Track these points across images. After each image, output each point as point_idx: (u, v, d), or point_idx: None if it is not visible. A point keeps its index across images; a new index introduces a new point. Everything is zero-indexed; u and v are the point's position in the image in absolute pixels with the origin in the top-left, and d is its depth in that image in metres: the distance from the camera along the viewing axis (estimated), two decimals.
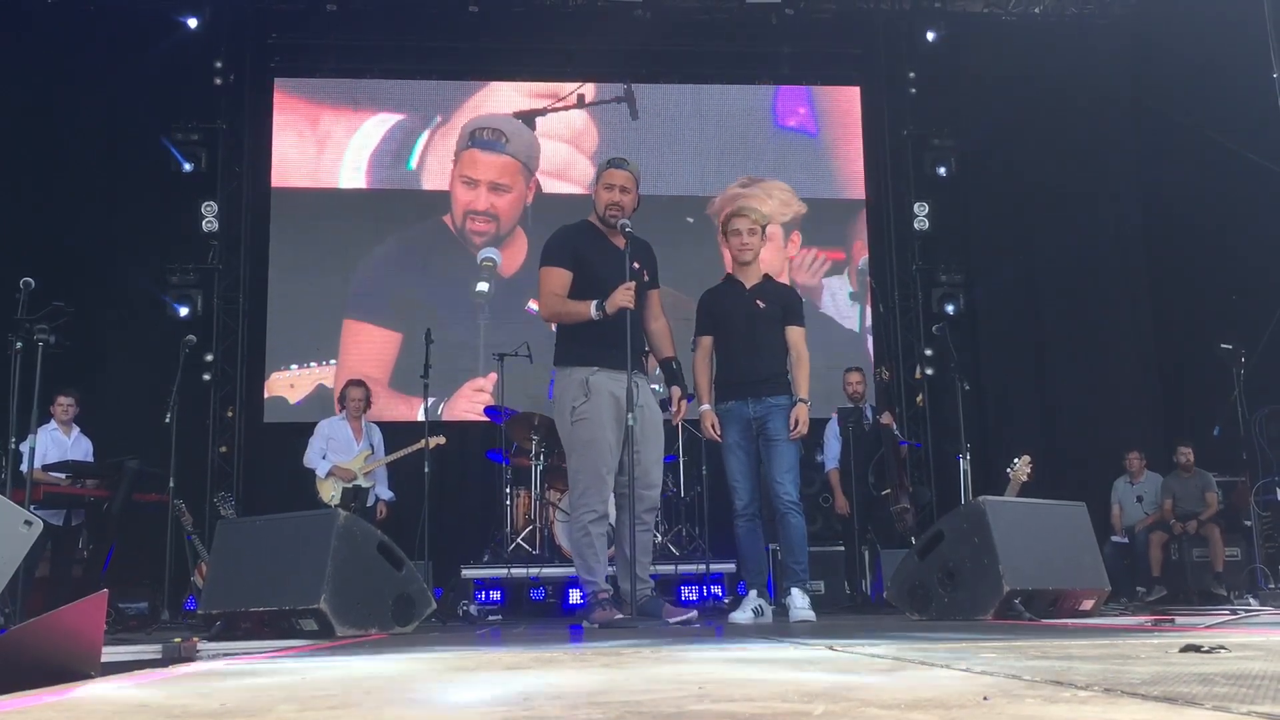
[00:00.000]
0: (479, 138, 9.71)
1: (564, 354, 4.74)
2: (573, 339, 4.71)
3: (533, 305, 9.02)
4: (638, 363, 4.72)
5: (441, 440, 7.35)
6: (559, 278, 4.68)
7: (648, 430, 4.73)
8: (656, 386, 5.14)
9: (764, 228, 5.21)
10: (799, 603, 4.90)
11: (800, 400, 5.00)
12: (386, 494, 7.51)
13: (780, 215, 9.66)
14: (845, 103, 10.25)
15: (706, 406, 5.13)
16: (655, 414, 4.85)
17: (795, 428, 4.94)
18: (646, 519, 4.78)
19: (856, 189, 10.09)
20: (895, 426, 7.59)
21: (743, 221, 5.16)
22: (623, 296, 4.48)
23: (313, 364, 9.29)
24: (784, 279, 8.50)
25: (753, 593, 5.04)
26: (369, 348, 9.28)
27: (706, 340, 5.24)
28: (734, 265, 5.31)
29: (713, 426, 5.09)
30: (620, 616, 4.44)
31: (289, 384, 9.26)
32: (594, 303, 4.54)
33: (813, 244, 9.93)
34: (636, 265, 4.70)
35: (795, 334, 5.14)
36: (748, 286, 5.19)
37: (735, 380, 5.10)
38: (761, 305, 5.13)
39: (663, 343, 4.95)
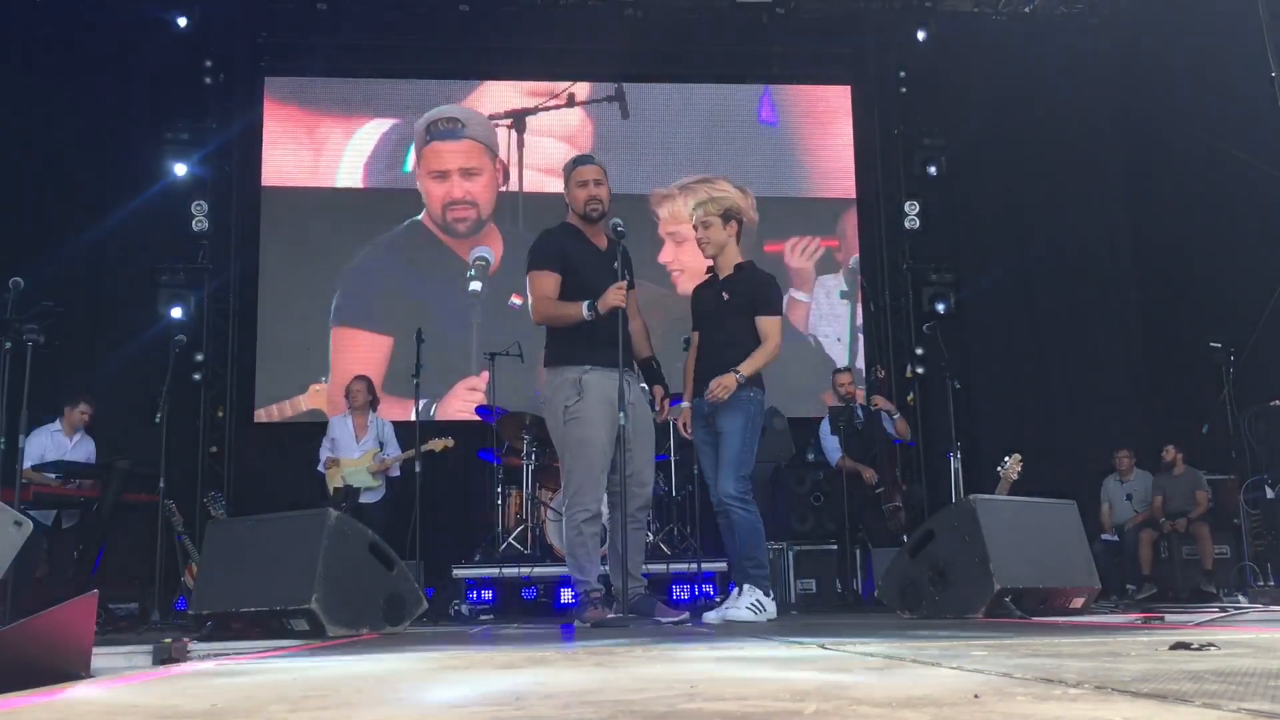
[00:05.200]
0: (436, 130, 9.72)
1: (555, 354, 4.75)
2: (564, 339, 4.72)
3: (515, 300, 9.09)
4: (628, 361, 4.72)
5: (450, 442, 7.40)
6: (549, 280, 4.69)
7: (639, 429, 4.74)
8: (644, 386, 5.13)
9: (722, 217, 5.00)
10: (740, 600, 4.79)
11: (735, 371, 4.78)
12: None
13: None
14: (836, 102, 10.26)
15: (685, 404, 5.08)
16: (646, 413, 4.86)
17: (712, 391, 4.76)
18: (639, 517, 4.79)
19: (847, 188, 10.10)
20: (892, 414, 7.53)
21: (695, 218, 5.09)
22: (614, 296, 4.49)
23: (311, 385, 9.26)
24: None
25: (734, 591, 4.98)
26: (360, 354, 9.24)
27: (695, 336, 5.17)
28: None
29: (684, 425, 5.03)
30: (611, 615, 4.45)
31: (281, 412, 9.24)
32: (585, 303, 4.55)
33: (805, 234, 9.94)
34: (618, 266, 4.74)
35: (764, 324, 4.92)
36: (720, 279, 5.09)
37: (699, 376, 5.00)
38: (726, 297, 5.00)
39: (640, 343, 4.96)
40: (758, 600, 4.78)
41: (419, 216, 9.62)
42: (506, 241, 9.49)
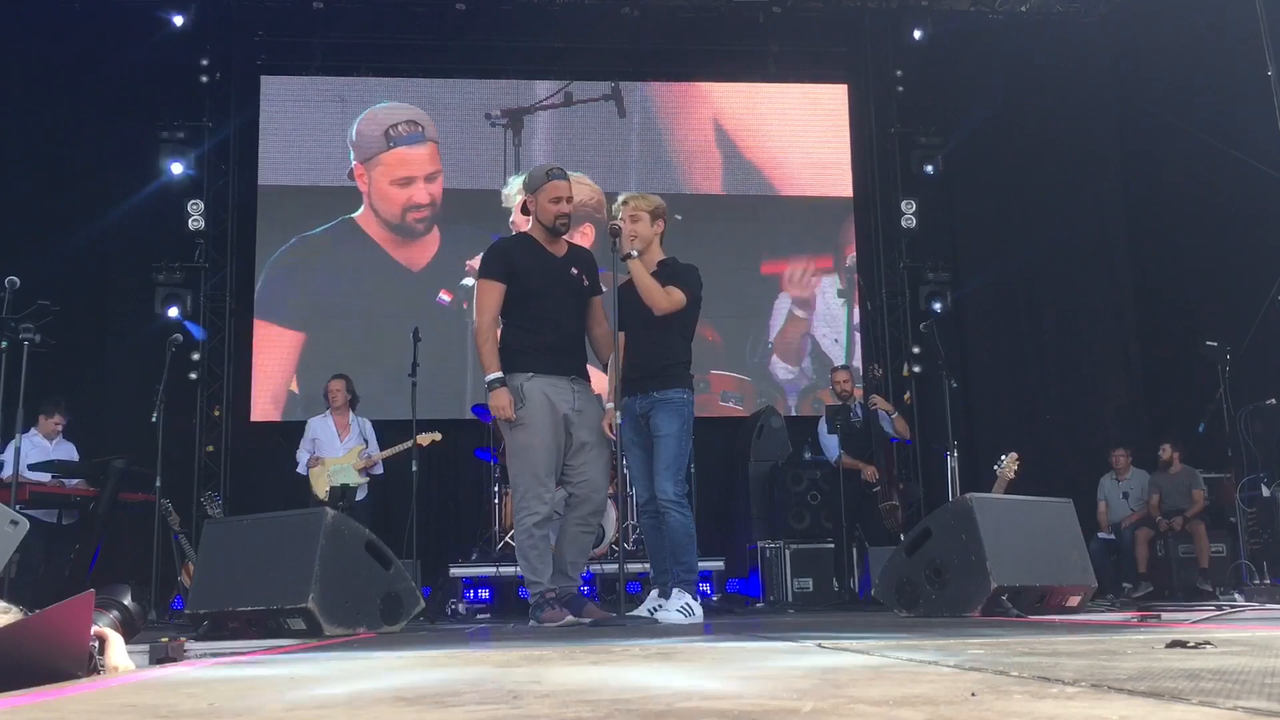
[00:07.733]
0: (396, 135, 9.66)
1: (504, 362, 4.70)
2: (511, 348, 4.72)
3: (444, 296, 9.29)
4: (580, 370, 4.77)
5: (437, 436, 7.40)
6: (493, 291, 4.71)
7: (592, 435, 4.75)
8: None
9: (651, 214, 4.91)
10: (670, 603, 4.75)
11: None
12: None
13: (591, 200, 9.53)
14: (833, 101, 10.26)
15: (610, 404, 4.94)
16: (597, 417, 4.81)
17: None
18: (591, 522, 4.83)
19: (844, 187, 10.10)
20: (890, 413, 7.52)
21: (624, 212, 4.96)
22: (499, 412, 4.58)
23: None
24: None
25: (654, 591, 4.96)
26: (274, 349, 9.26)
27: (622, 336, 4.99)
28: None
29: (610, 426, 4.83)
30: (570, 617, 4.45)
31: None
32: (493, 375, 4.59)
33: (800, 248, 9.93)
34: (575, 271, 4.78)
35: (670, 289, 4.82)
36: None
37: (628, 375, 4.90)
38: None
39: (604, 349, 4.94)
40: (687, 604, 4.74)
41: (354, 214, 9.54)
42: (443, 239, 9.56)
